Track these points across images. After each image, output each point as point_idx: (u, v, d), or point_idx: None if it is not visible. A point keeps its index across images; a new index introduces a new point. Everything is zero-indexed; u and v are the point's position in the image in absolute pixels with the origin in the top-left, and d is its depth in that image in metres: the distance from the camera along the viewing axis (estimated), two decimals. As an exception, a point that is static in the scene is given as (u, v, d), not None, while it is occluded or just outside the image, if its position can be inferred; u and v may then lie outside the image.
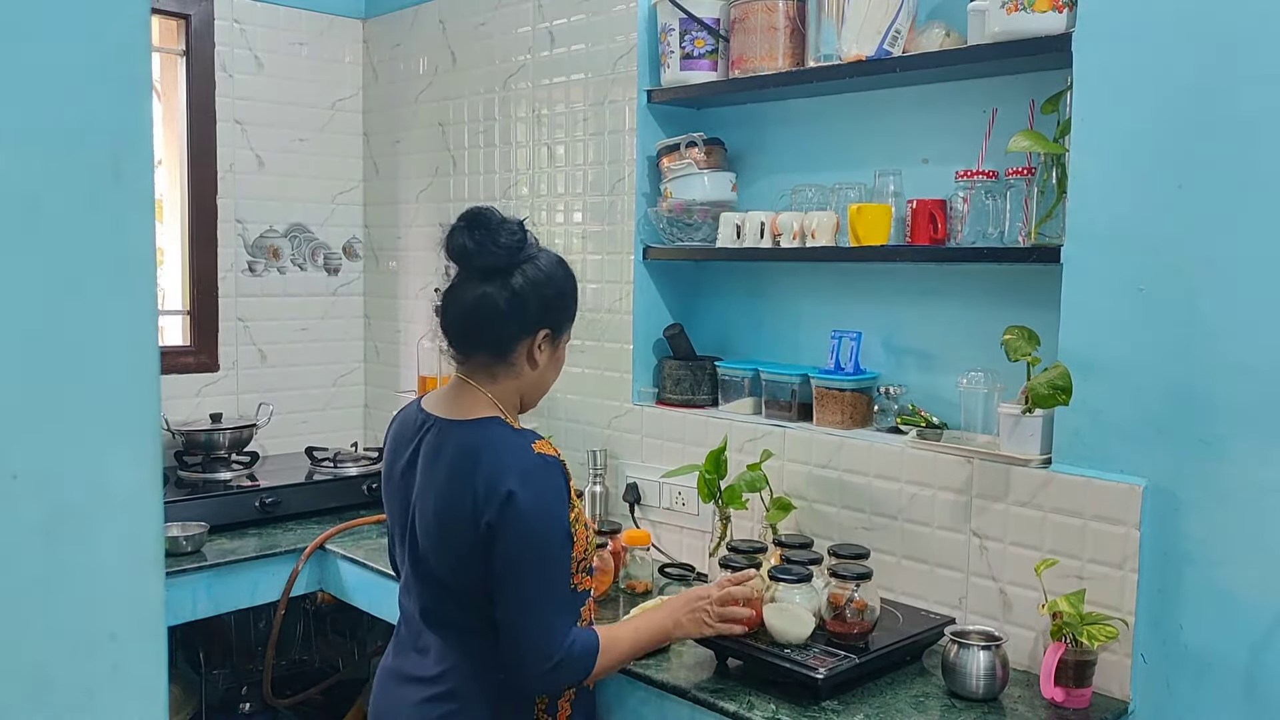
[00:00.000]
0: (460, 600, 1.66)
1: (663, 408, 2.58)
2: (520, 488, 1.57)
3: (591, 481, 2.62)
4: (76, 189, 0.80)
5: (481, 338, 1.68)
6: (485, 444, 1.63)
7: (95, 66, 0.76)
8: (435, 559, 1.66)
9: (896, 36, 2.12)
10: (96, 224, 0.88)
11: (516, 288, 1.65)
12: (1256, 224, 1.64)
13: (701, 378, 2.56)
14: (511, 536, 1.58)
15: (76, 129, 0.74)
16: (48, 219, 0.83)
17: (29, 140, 0.74)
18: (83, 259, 0.76)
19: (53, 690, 0.85)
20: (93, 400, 0.77)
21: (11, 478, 0.74)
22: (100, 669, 0.88)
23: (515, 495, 1.57)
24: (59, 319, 0.77)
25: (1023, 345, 1.88)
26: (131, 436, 0.93)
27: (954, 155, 2.15)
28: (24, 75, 0.78)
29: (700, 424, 2.47)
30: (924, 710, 1.74)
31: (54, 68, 0.73)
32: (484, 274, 1.66)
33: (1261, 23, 1.62)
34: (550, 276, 1.70)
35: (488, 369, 1.70)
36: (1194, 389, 1.70)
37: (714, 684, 1.83)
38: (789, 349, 2.51)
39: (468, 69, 3.08)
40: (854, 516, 2.18)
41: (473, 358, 1.70)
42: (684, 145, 2.49)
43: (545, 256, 1.72)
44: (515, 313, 1.65)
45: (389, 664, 1.79)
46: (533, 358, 1.70)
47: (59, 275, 0.73)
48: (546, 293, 1.68)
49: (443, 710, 1.66)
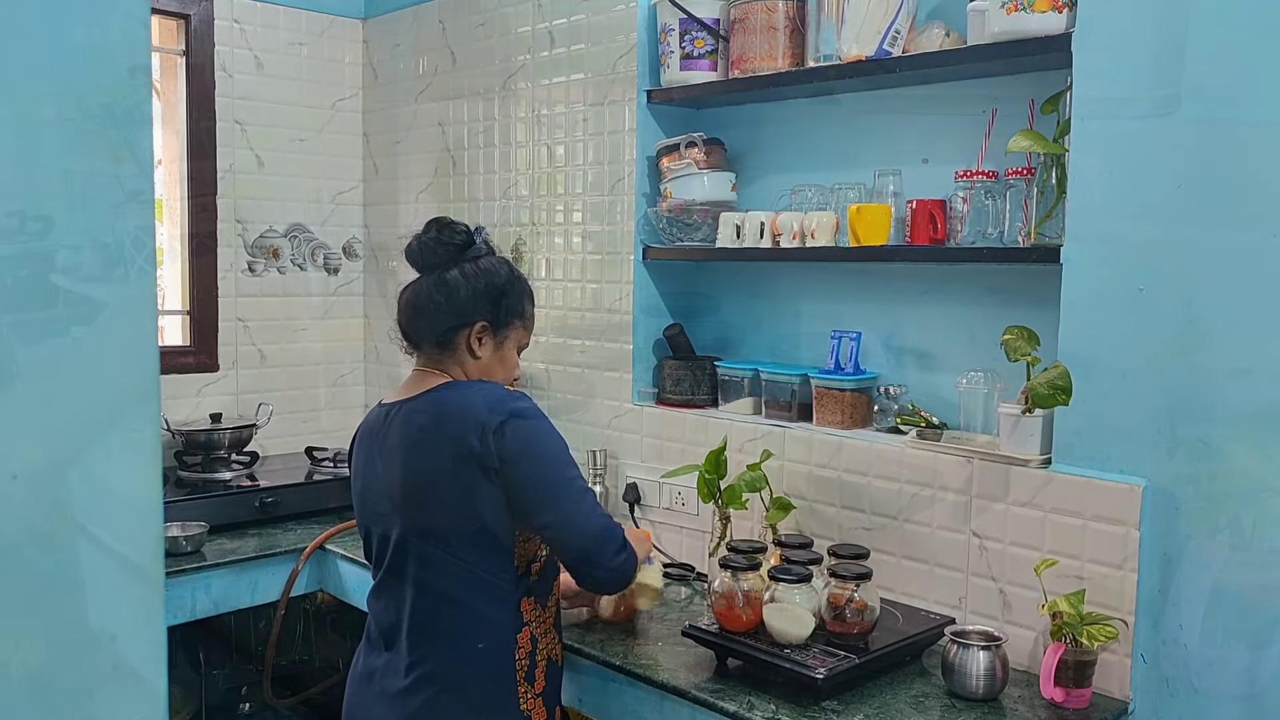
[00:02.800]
0: (458, 554, 1.70)
1: (663, 408, 2.58)
2: (509, 416, 1.67)
3: (591, 481, 2.62)
4: (76, 188, 0.79)
5: (420, 326, 1.79)
6: (451, 399, 1.72)
7: (96, 65, 0.75)
8: (424, 519, 1.71)
9: (896, 36, 2.12)
10: (98, 223, 0.87)
11: (449, 279, 1.76)
12: (1255, 224, 1.64)
13: (701, 378, 2.56)
14: (527, 460, 1.67)
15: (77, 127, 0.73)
16: (48, 219, 0.81)
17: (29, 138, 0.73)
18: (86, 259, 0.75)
19: (53, 690, 0.84)
20: (93, 401, 0.76)
21: (12, 478, 0.74)
22: (100, 669, 0.88)
23: (506, 424, 1.66)
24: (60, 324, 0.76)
25: (1023, 345, 1.88)
26: (132, 437, 0.92)
27: (954, 155, 2.15)
28: (23, 74, 0.77)
29: (700, 424, 2.47)
30: (924, 710, 1.74)
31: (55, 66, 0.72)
32: (427, 270, 1.78)
33: (1260, 22, 1.62)
34: (488, 272, 1.79)
35: (436, 359, 1.79)
36: (1193, 389, 1.70)
37: (714, 684, 1.83)
38: (789, 349, 2.51)
39: (468, 69, 3.08)
40: (854, 516, 2.18)
41: (421, 348, 1.81)
42: (684, 145, 2.49)
43: (491, 259, 1.82)
44: (448, 301, 1.75)
45: (360, 669, 1.82)
46: (471, 348, 1.77)
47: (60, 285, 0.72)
48: (479, 285, 1.76)
49: (421, 698, 1.68)
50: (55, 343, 0.98)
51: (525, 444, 1.67)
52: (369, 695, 1.76)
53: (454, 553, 1.70)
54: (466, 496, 1.66)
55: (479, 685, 1.71)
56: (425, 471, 1.69)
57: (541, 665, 1.79)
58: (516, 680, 1.74)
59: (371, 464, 1.79)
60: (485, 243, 1.82)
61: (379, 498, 1.77)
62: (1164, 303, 1.72)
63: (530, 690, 1.76)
